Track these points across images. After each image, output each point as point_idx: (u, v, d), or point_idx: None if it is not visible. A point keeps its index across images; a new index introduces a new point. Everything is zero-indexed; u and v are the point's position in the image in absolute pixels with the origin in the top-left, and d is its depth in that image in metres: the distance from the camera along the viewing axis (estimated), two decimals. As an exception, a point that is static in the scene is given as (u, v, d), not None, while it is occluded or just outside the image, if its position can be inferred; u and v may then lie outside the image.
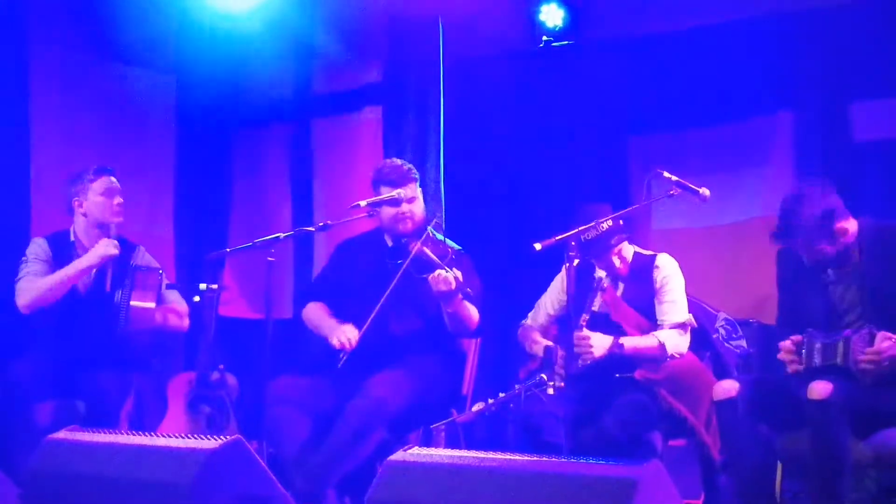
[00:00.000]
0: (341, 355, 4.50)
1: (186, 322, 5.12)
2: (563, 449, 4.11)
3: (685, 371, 4.48)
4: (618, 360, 4.42)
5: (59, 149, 5.84)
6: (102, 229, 4.96)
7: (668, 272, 4.59)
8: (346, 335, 4.54)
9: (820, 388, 3.79)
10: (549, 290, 4.84)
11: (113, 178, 5.02)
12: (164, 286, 5.12)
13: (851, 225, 4.00)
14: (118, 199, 4.99)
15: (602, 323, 4.51)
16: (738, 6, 5.56)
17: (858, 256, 4.02)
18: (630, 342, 4.44)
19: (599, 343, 4.37)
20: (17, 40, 5.70)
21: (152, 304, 4.95)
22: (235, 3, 5.92)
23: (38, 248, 4.97)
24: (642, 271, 4.62)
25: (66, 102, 5.93)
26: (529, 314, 4.88)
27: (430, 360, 4.66)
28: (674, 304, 4.55)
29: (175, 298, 5.16)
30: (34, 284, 4.84)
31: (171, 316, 5.09)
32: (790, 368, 3.98)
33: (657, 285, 4.58)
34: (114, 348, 4.85)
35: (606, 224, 4.40)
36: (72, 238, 5.02)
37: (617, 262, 4.60)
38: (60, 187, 5.13)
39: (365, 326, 4.50)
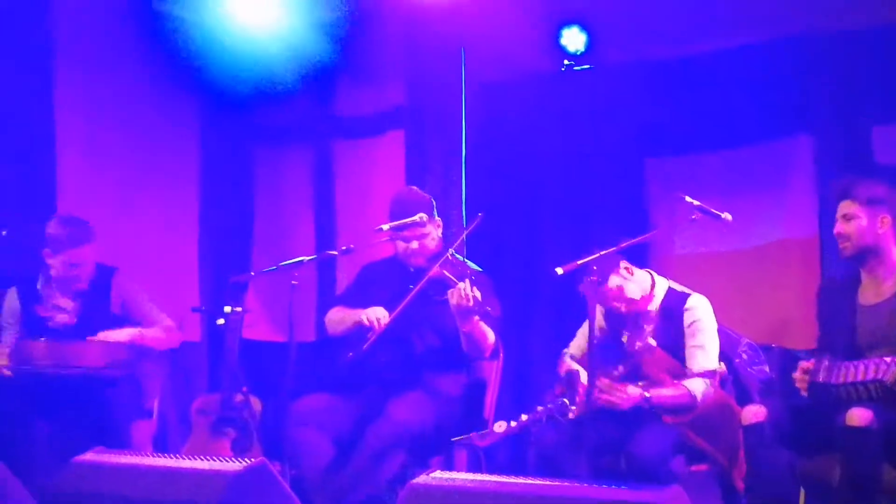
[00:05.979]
0: (368, 335, 4.52)
1: (175, 336, 5.05)
2: (583, 479, 4.07)
3: (711, 407, 4.33)
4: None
5: (84, 169, 5.89)
6: (61, 288, 4.91)
7: (699, 315, 4.40)
8: (375, 314, 4.56)
9: (860, 415, 3.68)
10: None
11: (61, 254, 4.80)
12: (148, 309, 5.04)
13: None
14: (76, 271, 4.85)
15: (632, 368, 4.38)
16: (758, 30, 5.56)
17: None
18: (657, 396, 4.27)
19: (630, 394, 4.22)
20: (43, 62, 5.76)
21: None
22: (259, 25, 5.98)
23: (9, 303, 4.94)
24: (672, 310, 4.44)
25: (91, 123, 5.98)
26: (571, 342, 4.75)
27: (452, 383, 4.68)
28: (703, 349, 4.37)
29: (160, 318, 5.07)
30: None
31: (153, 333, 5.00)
32: (800, 384, 3.91)
33: (686, 327, 4.40)
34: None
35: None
36: (38, 286, 4.95)
37: (617, 303, 4.45)
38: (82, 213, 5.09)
39: (395, 313, 4.51)
